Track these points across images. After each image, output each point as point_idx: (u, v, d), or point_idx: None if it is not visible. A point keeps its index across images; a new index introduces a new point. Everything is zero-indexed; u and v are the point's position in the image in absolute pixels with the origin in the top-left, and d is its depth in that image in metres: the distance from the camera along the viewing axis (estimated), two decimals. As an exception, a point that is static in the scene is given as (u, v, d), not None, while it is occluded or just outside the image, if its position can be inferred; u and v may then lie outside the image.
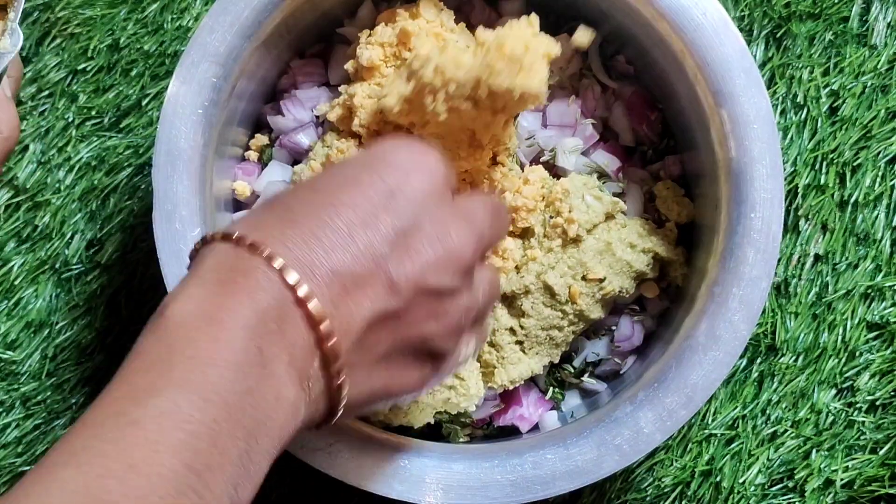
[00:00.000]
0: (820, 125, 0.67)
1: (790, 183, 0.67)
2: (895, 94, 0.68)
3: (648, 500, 0.66)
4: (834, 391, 0.66)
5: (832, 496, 0.65)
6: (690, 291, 0.59)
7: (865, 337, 0.66)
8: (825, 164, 0.67)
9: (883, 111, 0.67)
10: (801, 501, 0.65)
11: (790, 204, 0.67)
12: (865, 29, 0.68)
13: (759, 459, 0.65)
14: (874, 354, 0.66)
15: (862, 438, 0.65)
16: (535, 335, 0.59)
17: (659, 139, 0.64)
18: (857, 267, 0.67)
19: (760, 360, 0.66)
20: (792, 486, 0.65)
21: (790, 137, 0.67)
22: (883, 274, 0.67)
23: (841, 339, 0.66)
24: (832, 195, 0.67)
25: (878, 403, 0.66)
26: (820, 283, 0.67)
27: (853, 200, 0.67)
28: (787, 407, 0.66)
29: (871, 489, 0.64)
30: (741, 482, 0.65)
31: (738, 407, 0.66)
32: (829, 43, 0.68)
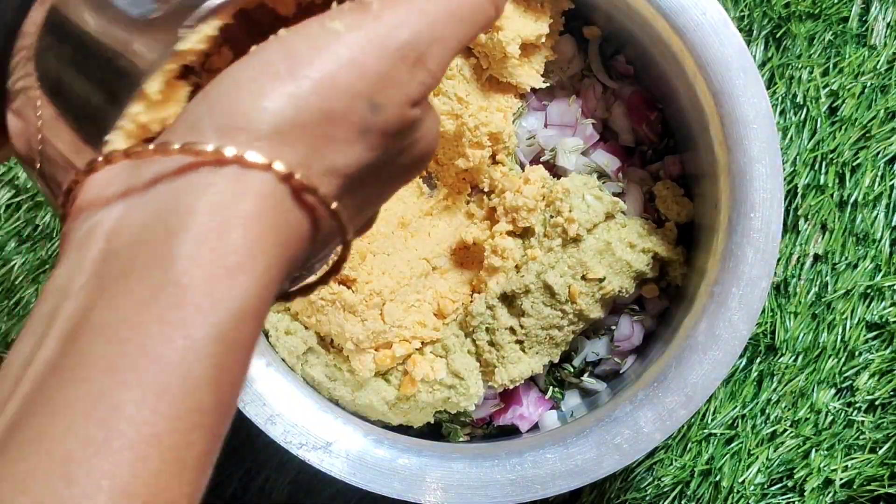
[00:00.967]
0: (819, 125, 0.68)
1: (790, 183, 0.67)
2: (894, 94, 0.68)
3: (648, 499, 0.66)
4: (833, 391, 0.66)
5: (831, 495, 0.65)
6: (690, 291, 0.59)
7: (865, 337, 0.66)
8: (825, 164, 0.67)
9: (882, 111, 0.67)
10: (800, 501, 0.65)
11: (790, 204, 0.67)
12: (865, 29, 0.68)
13: (758, 459, 0.65)
14: (873, 354, 0.66)
15: (861, 438, 0.66)
16: (535, 334, 0.59)
17: (659, 139, 0.64)
18: (856, 267, 0.67)
19: (760, 359, 0.67)
20: (791, 485, 0.65)
21: (790, 137, 0.67)
22: (882, 274, 0.67)
23: (840, 338, 0.66)
24: (832, 195, 0.67)
25: (877, 403, 0.66)
26: (819, 282, 0.67)
27: (853, 200, 0.67)
28: (786, 406, 0.66)
29: (870, 489, 0.64)
30: (741, 481, 0.65)
31: (737, 406, 0.66)
32: (828, 43, 0.68)
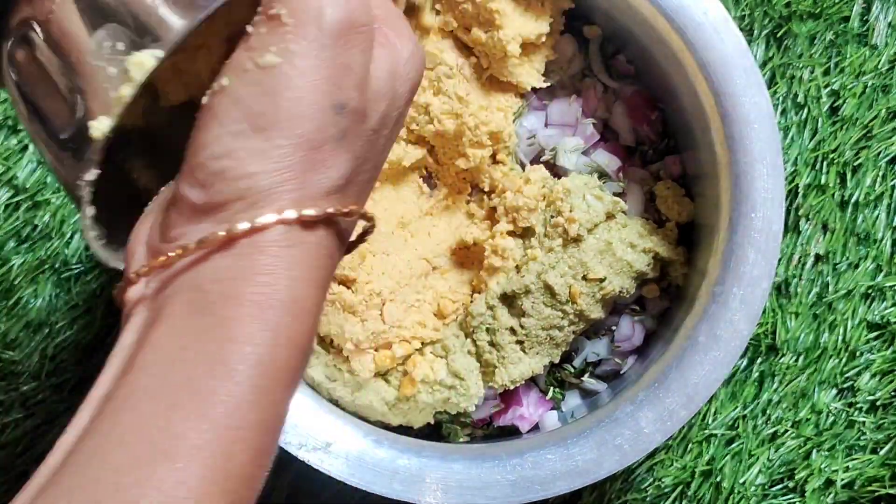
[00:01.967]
0: (820, 125, 0.67)
1: (791, 183, 0.67)
2: (895, 93, 0.68)
3: (649, 500, 0.66)
4: (834, 391, 0.66)
5: (832, 496, 0.65)
6: (691, 291, 0.59)
7: (866, 337, 0.66)
8: (826, 163, 0.67)
9: (884, 111, 0.67)
10: (801, 501, 0.65)
11: (791, 204, 0.67)
12: (866, 29, 0.68)
13: (759, 459, 0.65)
14: (875, 354, 0.66)
15: (862, 438, 0.65)
16: (535, 335, 0.59)
17: (659, 139, 0.64)
18: (857, 267, 0.67)
19: (761, 360, 0.66)
20: (792, 486, 0.65)
21: (791, 137, 0.67)
22: (883, 274, 0.66)
23: (841, 339, 0.66)
24: (833, 195, 0.67)
25: (878, 403, 0.66)
26: (820, 283, 0.67)
27: (854, 200, 0.67)
28: (787, 407, 0.66)
29: (871, 489, 0.64)
30: (741, 482, 0.65)
31: (738, 407, 0.66)
32: (829, 43, 0.68)
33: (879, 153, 0.67)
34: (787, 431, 0.66)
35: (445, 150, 0.61)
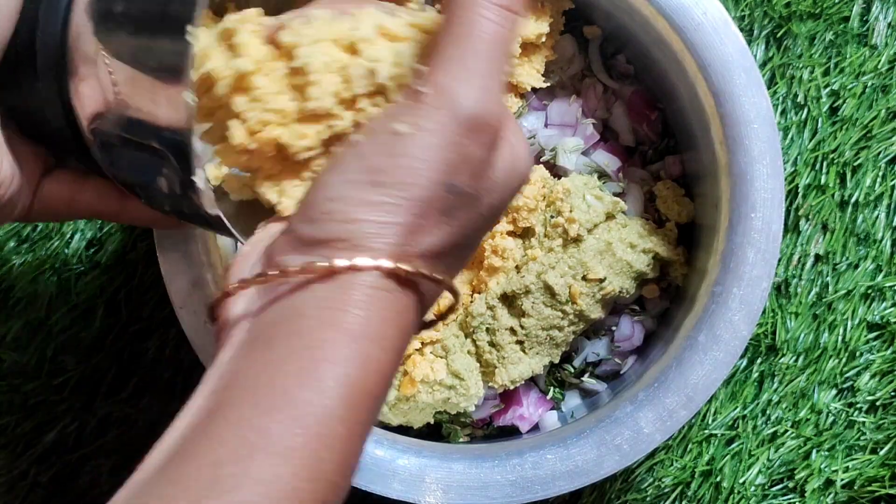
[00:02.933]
0: (820, 125, 0.67)
1: (790, 183, 0.67)
2: (895, 94, 0.68)
3: (648, 500, 0.66)
4: (834, 391, 0.66)
5: (832, 496, 0.65)
6: (690, 291, 0.59)
7: (866, 337, 0.66)
8: (825, 164, 0.67)
9: (883, 111, 0.67)
10: (801, 502, 0.65)
11: (790, 204, 0.67)
12: (866, 29, 0.68)
13: (759, 460, 0.65)
14: (874, 355, 0.66)
15: (862, 439, 0.65)
16: (535, 335, 0.59)
17: (659, 139, 0.64)
18: (857, 267, 0.67)
19: (761, 360, 0.66)
20: (792, 486, 0.65)
21: (790, 137, 0.67)
22: (883, 274, 0.66)
23: (841, 339, 0.66)
24: (833, 195, 0.67)
25: (878, 404, 0.66)
26: (820, 283, 0.67)
27: (854, 200, 0.67)
28: (787, 407, 0.66)
29: (871, 489, 0.64)
30: (741, 482, 0.65)
31: (738, 407, 0.66)
32: (829, 43, 0.68)
33: (879, 153, 0.67)
34: (786, 431, 0.66)
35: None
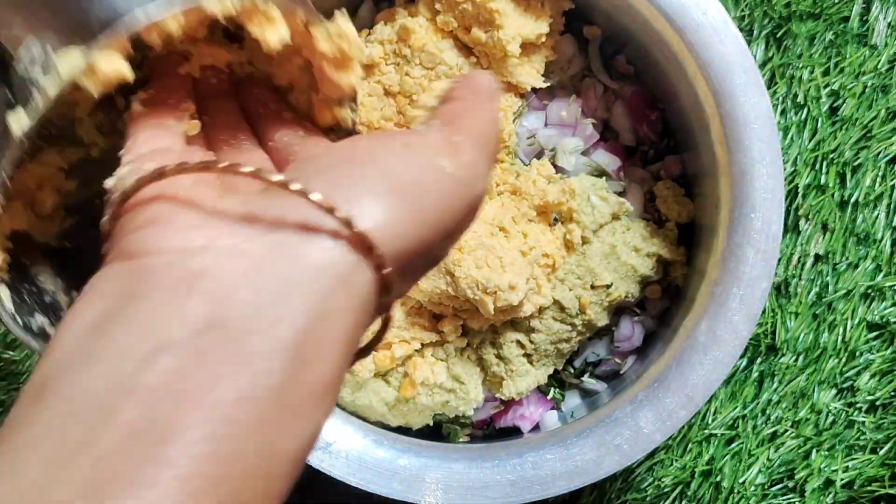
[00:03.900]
0: (820, 125, 0.67)
1: (790, 183, 0.67)
2: (895, 94, 0.68)
3: (648, 499, 0.66)
4: (834, 391, 0.66)
5: (832, 496, 0.65)
6: (690, 291, 0.59)
7: (865, 337, 0.66)
8: (825, 163, 0.67)
9: (883, 111, 0.67)
10: (801, 501, 0.65)
11: (790, 204, 0.67)
12: (866, 29, 0.68)
13: (759, 459, 0.65)
14: (874, 354, 0.66)
15: (862, 438, 0.65)
16: (543, 349, 0.59)
17: (659, 139, 0.64)
18: (857, 267, 0.67)
19: (760, 360, 0.66)
20: (792, 486, 0.65)
21: (790, 137, 0.67)
22: (883, 274, 0.67)
23: (841, 339, 0.66)
24: (832, 195, 0.67)
25: (878, 403, 0.66)
26: (820, 283, 0.67)
27: (853, 200, 0.67)
28: (787, 407, 0.66)
29: (871, 489, 0.64)
30: (741, 482, 0.65)
31: (738, 407, 0.66)
32: (829, 43, 0.68)
33: (879, 153, 0.67)
34: (786, 431, 0.66)
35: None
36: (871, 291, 0.67)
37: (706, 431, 0.66)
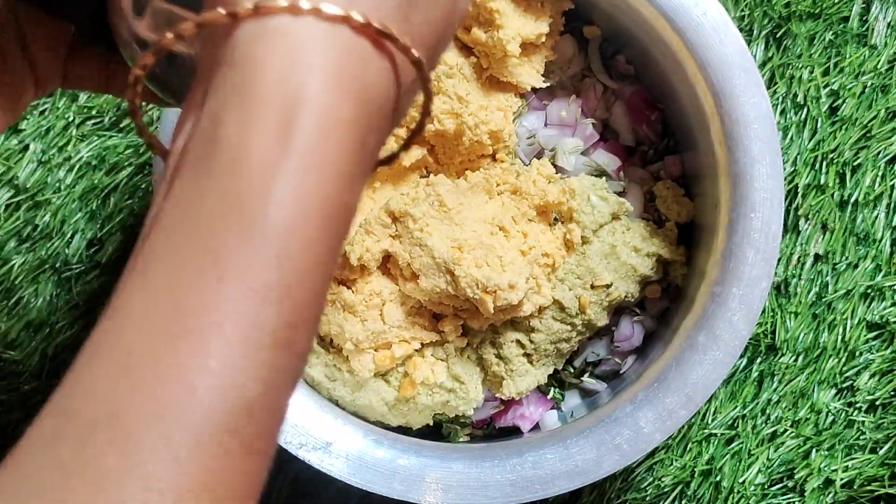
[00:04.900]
0: (820, 125, 0.67)
1: (790, 183, 0.67)
2: (895, 93, 0.68)
3: (648, 499, 0.66)
4: (834, 391, 0.66)
5: (832, 496, 0.65)
6: (690, 291, 0.59)
7: (865, 337, 0.66)
8: (825, 163, 0.67)
9: (883, 111, 0.67)
10: (800, 501, 0.65)
11: (790, 204, 0.67)
12: (865, 29, 0.68)
13: (758, 459, 0.65)
14: (874, 354, 0.66)
15: (862, 438, 0.65)
16: (543, 349, 0.59)
17: (659, 139, 0.64)
18: (856, 267, 0.67)
19: (760, 359, 0.66)
20: (792, 485, 0.65)
21: (790, 137, 0.67)
22: (883, 274, 0.67)
23: (841, 338, 0.66)
24: (832, 195, 0.67)
25: (877, 403, 0.66)
26: (820, 282, 0.67)
27: (853, 200, 0.67)
28: (786, 407, 0.66)
29: (870, 489, 0.64)
30: (741, 482, 0.65)
31: (737, 407, 0.66)
32: (829, 43, 0.68)
33: (879, 153, 0.67)
34: (786, 431, 0.66)
35: (445, 149, 0.61)
36: (870, 291, 0.67)
37: (706, 431, 0.66)
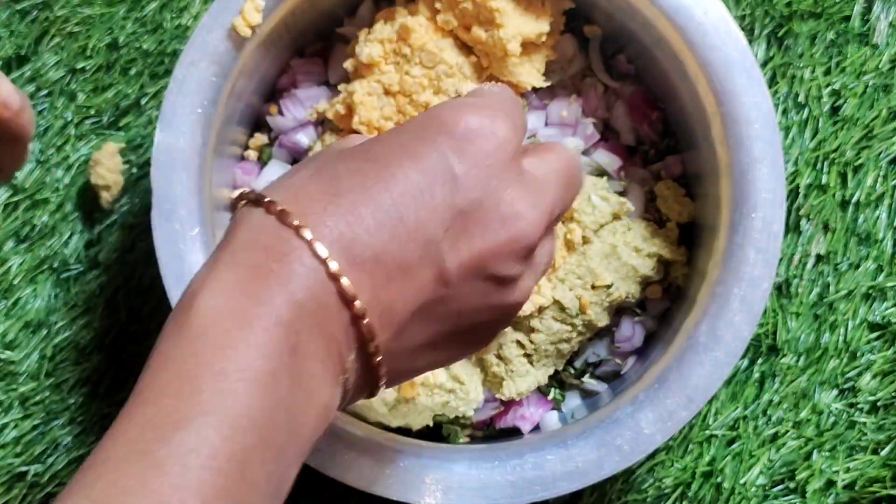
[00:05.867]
0: (821, 125, 0.67)
1: (791, 183, 0.67)
2: (897, 93, 0.67)
3: (649, 500, 0.66)
4: (835, 392, 0.66)
5: (833, 497, 0.65)
6: (691, 292, 0.58)
7: (867, 337, 0.66)
8: (827, 163, 0.67)
9: (885, 111, 0.67)
10: (802, 502, 0.65)
11: (791, 204, 0.67)
12: (867, 28, 0.68)
13: (760, 460, 0.65)
14: (876, 355, 0.66)
15: (863, 439, 0.65)
16: (544, 349, 0.59)
17: (660, 139, 0.64)
18: (858, 267, 0.67)
19: (761, 360, 0.66)
20: (793, 486, 0.65)
21: (791, 137, 0.67)
22: (885, 274, 0.66)
23: (842, 339, 0.66)
24: (834, 195, 0.67)
25: (879, 404, 0.66)
26: (821, 283, 0.67)
27: (855, 200, 0.67)
28: (788, 407, 0.66)
29: (872, 490, 0.64)
30: (742, 483, 0.65)
31: (739, 407, 0.66)
32: (830, 42, 0.68)
33: (880, 153, 0.67)
34: (787, 432, 0.65)
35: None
36: (872, 292, 0.67)
37: (707, 432, 0.65)
